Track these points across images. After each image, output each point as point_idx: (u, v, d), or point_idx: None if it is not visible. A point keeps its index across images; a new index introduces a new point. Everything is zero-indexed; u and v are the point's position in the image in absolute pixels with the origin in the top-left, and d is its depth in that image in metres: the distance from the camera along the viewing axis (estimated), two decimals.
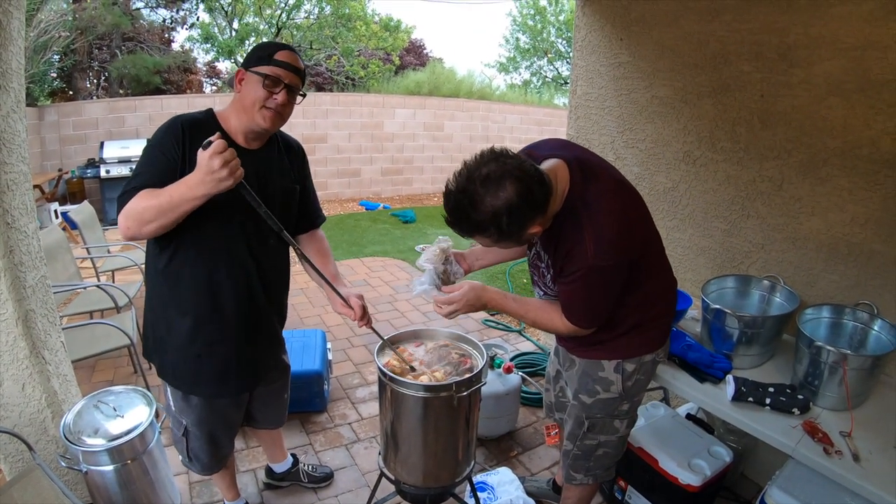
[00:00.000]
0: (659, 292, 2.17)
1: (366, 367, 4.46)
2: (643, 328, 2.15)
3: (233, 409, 2.40)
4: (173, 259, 2.02)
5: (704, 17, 3.11)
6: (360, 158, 11.86)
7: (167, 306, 2.10)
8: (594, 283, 1.88)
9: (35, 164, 8.61)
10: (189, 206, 1.74)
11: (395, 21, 17.49)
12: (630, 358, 2.18)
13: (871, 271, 2.63)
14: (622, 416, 2.30)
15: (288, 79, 1.98)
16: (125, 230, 1.80)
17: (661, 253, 2.14)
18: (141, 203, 1.76)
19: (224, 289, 2.07)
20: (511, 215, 1.66)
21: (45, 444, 2.59)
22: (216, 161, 1.64)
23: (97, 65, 14.38)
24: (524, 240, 1.87)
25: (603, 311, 2.00)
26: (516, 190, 1.64)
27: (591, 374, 2.25)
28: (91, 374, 4.15)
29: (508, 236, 1.74)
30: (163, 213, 1.74)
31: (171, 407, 2.35)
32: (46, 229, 3.98)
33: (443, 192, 1.79)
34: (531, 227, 1.75)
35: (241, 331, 2.18)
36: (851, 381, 2.17)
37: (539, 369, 4.35)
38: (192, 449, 2.41)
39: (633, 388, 2.24)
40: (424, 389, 2.11)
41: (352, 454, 3.38)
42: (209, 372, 2.16)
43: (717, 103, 3.14)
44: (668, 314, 2.25)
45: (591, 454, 2.38)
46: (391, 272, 6.94)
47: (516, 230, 1.71)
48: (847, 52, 2.56)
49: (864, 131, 2.56)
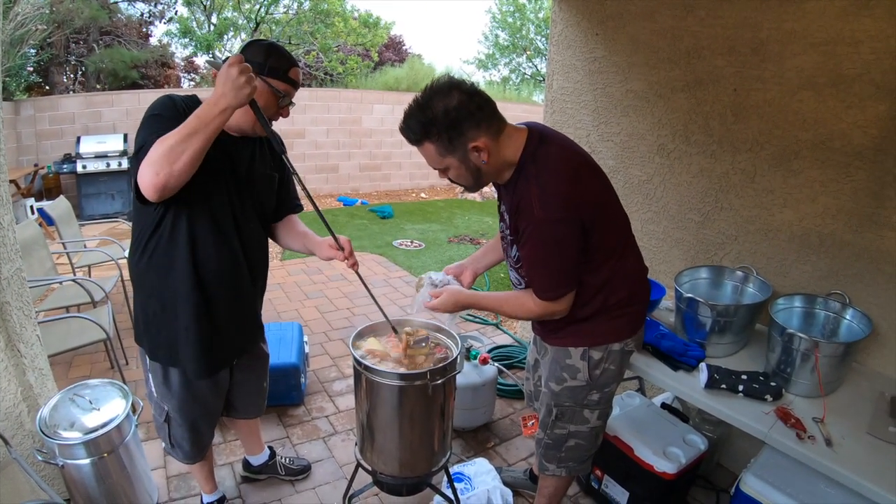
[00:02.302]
0: (622, 277, 2.11)
1: (343, 360, 4.46)
2: (608, 315, 2.13)
3: (212, 395, 2.39)
4: (162, 232, 2.02)
5: (678, 12, 3.14)
6: (338, 154, 11.82)
7: (156, 282, 2.10)
8: (546, 238, 1.89)
9: (11, 159, 8.48)
10: (215, 124, 1.71)
11: (374, 17, 17.40)
12: (596, 346, 2.16)
13: (843, 261, 2.66)
14: (592, 405, 2.27)
15: (294, 95, 2.09)
16: (154, 177, 1.70)
17: (625, 236, 2.15)
18: (164, 143, 1.69)
19: (210, 262, 2.09)
20: (452, 118, 1.80)
21: (21, 439, 2.56)
22: (234, 69, 1.66)
23: (74, 59, 14.19)
24: (471, 161, 1.90)
25: (561, 272, 1.96)
26: (459, 98, 1.80)
27: (559, 361, 2.24)
28: (68, 369, 4.10)
29: (450, 141, 1.84)
30: (191, 136, 1.69)
31: (152, 393, 2.34)
32: (22, 224, 3.93)
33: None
34: (472, 136, 1.83)
35: (226, 307, 2.20)
36: (824, 368, 2.21)
37: (515, 362, 4.37)
38: (174, 436, 2.41)
39: (602, 377, 2.20)
40: (399, 378, 2.12)
41: (329, 447, 3.38)
42: (195, 345, 2.15)
43: (691, 97, 3.17)
44: (635, 302, 2.19)
45: (562, 444, 2.36)
46: (369, 267, 6.95)
47: (456, 135, 1.82)
48: (819, 47, 2.60)
49: (836, 124, 2.59)
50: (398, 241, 8.22)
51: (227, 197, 2.09)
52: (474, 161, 1.89)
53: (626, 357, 2.25)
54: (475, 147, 1.84)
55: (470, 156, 1.87)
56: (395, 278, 6.59)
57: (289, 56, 2.06)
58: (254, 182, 2.20)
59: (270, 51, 2.00)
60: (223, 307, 2.19)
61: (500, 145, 1.91)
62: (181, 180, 1.75)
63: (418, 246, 8.05)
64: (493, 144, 1.87)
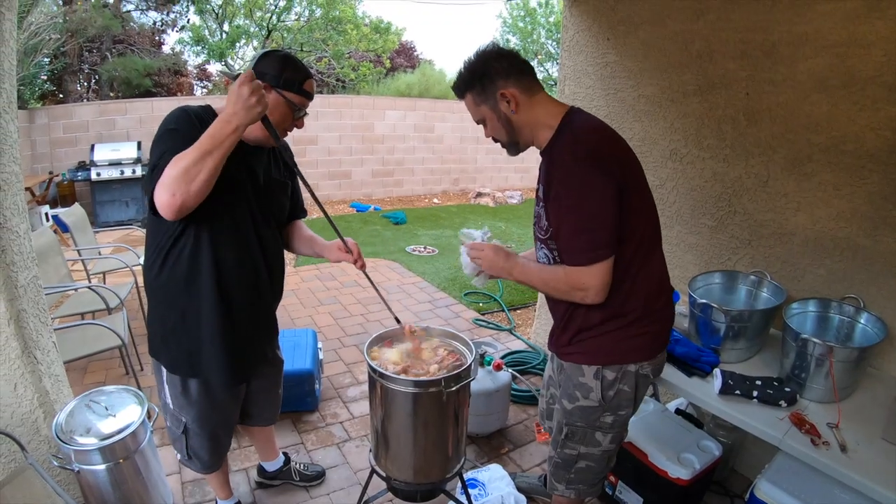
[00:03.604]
0: (641, 284, 1.98)
1: (357, 366, 4.47)
2: (623, 329, 2.01)
3: (232, 403, 2.41)
4: (184, 244, 2.03)
5: (690, 16, 3.14)
6: (351, 160, 11.87)
7: (177, 294, 2.11)
8: (579, 187, 1.81)
9: (25, 167, 8.59)
10: (229, 142, 1.71)
11: (385, 23, 17.40)
12: (610, 364, 2.05)
13: (857, 265, 2.65)
14: (605, 428, 2.15)
15: (308, 107, 2.12)
16: (170, 198, 1.70)
17: (651, 235, 2.04)
18: (178, 164, 1.69)
19: (234, 271, 2.12)
20: (485, 67, 1.93)
21: (37, 444, 2.58)
22: (245, 89, 1.68)
23: (88, 67, 14.32)
24: (500, 110, 1.96)
25: (594, 230, 1.81)
26: (494, 53, 1.95)
27: (572, 378, 2.14)
28: (83, 375, 4.14)
29: (483, 89, 1.95)
30: (206, 156, 1.69)
31: (168, 405, 2.34)
32: (37, 231, 3.96)
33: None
34: (501, 84, 1.92)
35: (249, 314, 2.23)
36: (838, 373, 2.19)
37: (529, 367, 4.37)
38: (192, 447, 2.42)
39: (616, 399, 2.08)
40: (414, 385, 2.13)
41: (343, 453, 3.39)
42: (222, 355, 2.18)
43: (703, 101, 3.16)
44: (652, 320, 2.06)
45: (572, 465, 2.25)
46: (382, 273, 6.96)
47: (488, 82, 1.93)
48: (831, 50, 2.59)
49: (849, 127, 2.58)
50: (411, 246, 8.24)
51: (247, 205, 2.11)
52: (504, 110, 1.95)
53: (643, 381, 2.11)
54: (503, 94, 1.91)
55: (500, 104, 1.94)
56: (408, 284, 6.60)
57: (303, 68, 2.06)
58: (271, 190, 2.23)
59: (285, 63, 2.00)
60: (247, 315, 2.22)
61: (533, 103, 1.95)
62: (198, 199, 1.76)
63: (431, 252, 8.06)
64: (522, 97, 1.93)
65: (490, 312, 5.80)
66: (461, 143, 13.25)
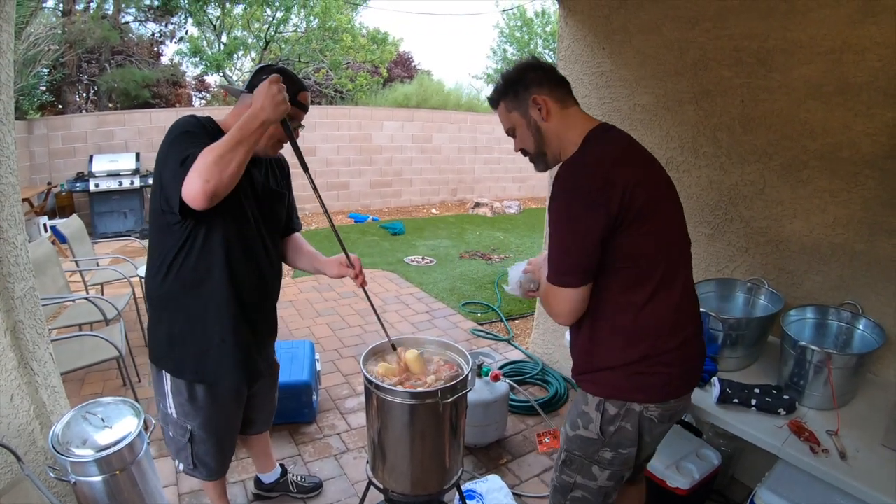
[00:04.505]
0: (646, 321, 1.86)
1: (355, 377, 4.45)
2: (630, 366, 1.88)
3: (236, 407, 2.43)
4: (191, 248, 2.07)
5: (684, 24, 3.14)
6: (349, 171, 11.89)
7: (185, 298, 2.14)
8: (559, 211, 1.81)
9: (24, 178, 8.62)
10: (257, 135, 1.82)
11: (382, 34, 17.46)
12: (613, 398, 1.93)
13: (855, 271, 2.65)
14: (603, 464, 2.01)
15: (302, 119, 2.21)
16: (204, 184, 1.75)
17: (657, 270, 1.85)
18: (211, 153, 1.77)
19: (242, 274, 2.16)
20: (520, 76, 1.94)
21: (33, 455, 2.57)
22: (274, 87, 1.80)
23: (86, 78, 14.31)
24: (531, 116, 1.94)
25: (567, 253, 1.79)
26: (531, 63, 1.98)
27: (578, 404, 2.05)
28: (80, 386, 4.13)
29: (515, 96, 1.95)
30: (238, 145, 1.78)
31: (170, 415, 2.34)
32: (35, 242, 3.97)
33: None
34: (534, 90, 1.91)
35: (257, 315, 2.30)
36: (837, 380, 2.19)
37: (528, 377, 4.36)
38: (198, 454, 2.42)
39: (616, 436, 1.95)
40: (410, 396, 2.12)
41: (341, 464, 3.37)
42: (233, 357, 2.21)
43: (699, 109, 3.16)
44: (663, 362, 1.88)
45: (567, 492, 2.13)
46: (380, 284, 6.95)
47: (522, 89, 1.93)
48: (825, 56, 2.59)
49: (844, 133, 2.58)
50: (409, 257, 8.24)
51: (249, 211, 2.16)
52: (534, 117, 1.93)
53: (649, 425, 1.94)
54: (535, 100, 1.90)
55: (531, 110, 1.93)
56: (406, 295, 6.58)
57: (298, 80, 2.12)
58: (269, 198, 2.29)
59: (282, 76, 2.00)
60: (256, 316, 2.27)
61: (564, 115, 1.93)
62: (228, 188, 1.82)
63: (430, 262, 8.05)
64: (554, 107, 1.92)
65: (488, 323, 5.79)
66: (459, 154, 13.28)
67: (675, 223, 1.95)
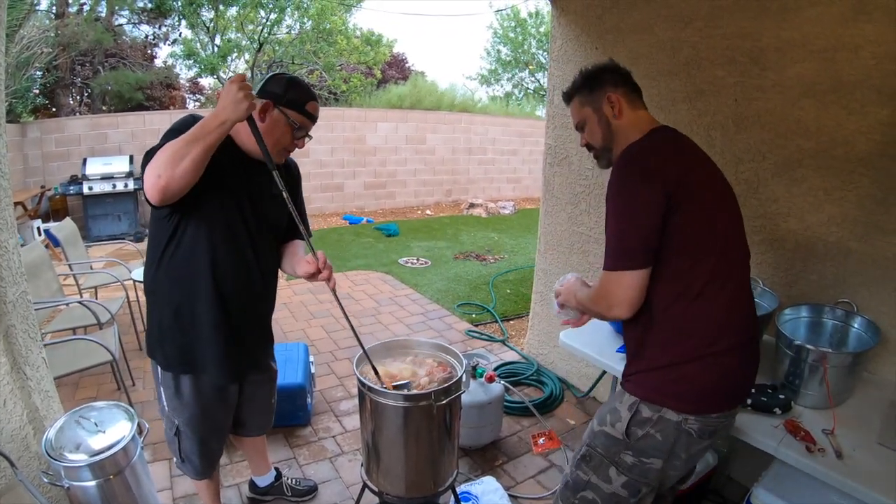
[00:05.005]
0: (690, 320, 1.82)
1: (350, 379, 4.44)
2: (668, 369, 1.83)
3: (222, 407, 2.42)
4: (179, 242, 2.10)
5: (676, 24, 3.14)
6: (343, 173, 11.88)
7: (173, 291, 2.17)
8: (616, 194, 1.81)
9: (18, 181, 8.59)
10: (215, 134, 1.81)
11: (376, 35, 17.49)
12: (648, 401, 1.87)
13: (849, 269, 2.64)
14: (622, 468, 1.95)
15: (310, 128, 2.23)
16: (156, 179, 1.79)
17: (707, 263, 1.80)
18: (167, 149, 1.80)
19: (228, 270, 2.16)
20: (597, 72, 2.04)
21: (27, 461, 2.56)
22: (234, 86, 1.79)
23: (80, 81, 14.27)
24: (604, 112, 2.00)
25: (625, 237, 1.77)
26: (609, 65, 2.07)
27: (613, 401, 2.01)
28: (75, 391, 4.11)
29: (590, 91, 2.03)
30: (192, 143, 1.79)
31: (164, 408, 2.37)
32: (28, 246, 3.95)
33: None
34: (609, 88, 1.99)
35: (243, 314, 2.27)
36: (832, 378, 2.18)
37: (523, 378, 4.35)
38: (184, 450, 2.44)
39: (642, 441, 1.89)
40: (404, 399, 2.11)
41: (336, 467, 3.36)
42: (216, 348, 2.21)
43: (692, 108, 3.16)
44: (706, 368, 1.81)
45: (578, 490, 2.07)
46: (374, 285, 6.93)
47: (597, 85, 2.01)
48: (818, 54, 2.59)
49: (838, 132, 2.58)
50: (404, 258, 8.22)
51: (239, 211, 2.16)
52: (606, 112, 1.99)
53: (685, 438, 1.86)
54: (609, 98, 1.97)
55: (604, 107, 1.99)
56: (401, 296, 6.57)
57: (308, 90, 2.16)
58: (266, 200, 2.27)
59: (290, 84, 2.11)
60: (241, 314, 2.26)
61: (634, 116, 1.99)
62: (182, 185, 1.82)
63: (424, 263, 8.04)
64: (626, 107, 1.98)
65: (483, 323, 5.78)
66: (453, 155, 13.28)
67: (730, 220, 1.95)
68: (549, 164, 4.27)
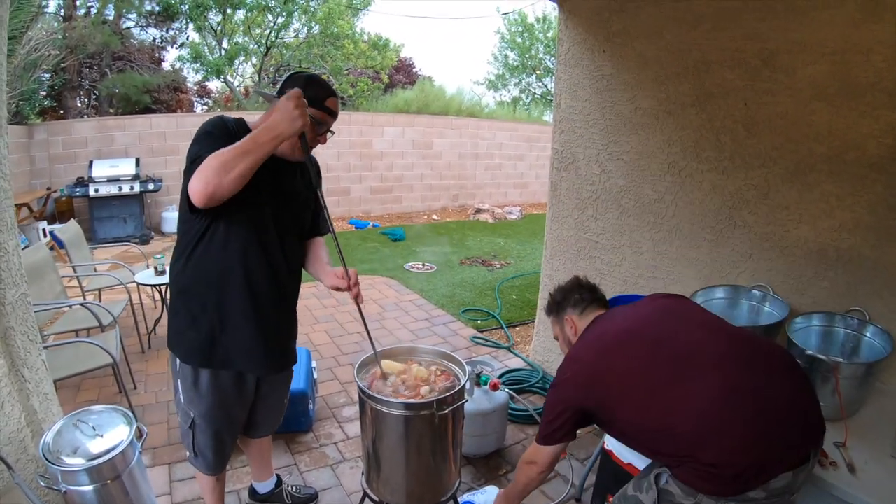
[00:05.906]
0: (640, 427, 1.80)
1: (352, 385, 4.39)
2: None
3: (238, 402, 2.42)
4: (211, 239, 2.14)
5: (685, 26, 3.10)
6: (350, 177, 11.87)
7: (203, 285, 2.20)
8: (552, 389, 2.05)
9: (24, 183, 8.63)
10: (267, 148, 1.87)
11: (383, 40, 17.51)
12: (680, 480, 1.72)
13: (862, 277, 2.59)
14: None
15: (331, 124, 2.27)
16: (203, 187, 1.84)
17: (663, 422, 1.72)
18: (217, 158, 1.84)
19: (259, 265, 2.21)
20: (557, 295, 2.35)
21: (24, 464, 2.55)
22: (291, 103, 1.86)
23: (87, 83, 14.34)
24: (566, 330, 2.27)
25: (546, 423, 2.00)
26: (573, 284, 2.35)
27: (649, 471, 1.89)
28: (76, 393, 4.09)
29: (556, 309, 2.33)
30: (244, 155, 1.84)
31: (180, 401, 2.37)
32: (32, 248, 3.94)
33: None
34: (565, 312, 2.28)
35: (273, 309, 2.31)
36: (844, 389, 2.14)
37: (528, 386, 4.30)
38: (198, 443, 2.43)
39: None
40: (405, 408, 2.09)
41: (337, 474, 3.32)
42: (241, 346, 2.25)
43: (701, 112, 3.12)
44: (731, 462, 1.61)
45: None
46: (380, 290, 6.90)
47: (560, 310, 2.31)
48: (829, 57, 2.55)
49: (850, 135, 2.54)
50: (410, 263, 8.19)
51: (270, 209, 2.21)
52: (568, 332, 2.25)
53: None
54: (566, 319, 2.26)
55: (566, 328, 2.26)
56: (406, 302, 6.53)
57: (327, 86, 2.21)
58: (294, 199, 2.34)
59: (309, 81, 2.15)
60: (271, 309, 2.29)
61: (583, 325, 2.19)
62: (228, 192, 1.88)
63: (430, 268, 8.01)
64: (579, 322, 2.22)
65: (488, 330, 5.73)
66: (460, 160, 13.26)
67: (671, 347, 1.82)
68: (556, 168, 4.23)
